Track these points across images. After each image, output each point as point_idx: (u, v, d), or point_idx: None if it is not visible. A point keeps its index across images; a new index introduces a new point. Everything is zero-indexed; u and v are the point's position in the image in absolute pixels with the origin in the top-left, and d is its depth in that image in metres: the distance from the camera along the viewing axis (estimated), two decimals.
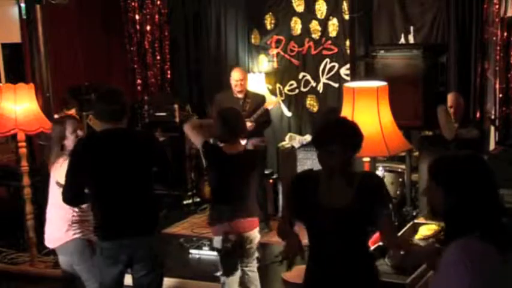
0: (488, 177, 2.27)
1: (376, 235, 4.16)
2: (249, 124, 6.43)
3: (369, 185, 3.02)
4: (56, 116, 6.29)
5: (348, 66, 7.14)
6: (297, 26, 7.54)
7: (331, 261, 3.07)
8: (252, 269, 4.63)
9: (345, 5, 7.12)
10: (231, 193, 4.40)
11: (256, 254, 4.66)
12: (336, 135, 2.98)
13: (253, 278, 4.63)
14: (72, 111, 6.27)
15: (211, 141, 4.60)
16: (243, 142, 6.30)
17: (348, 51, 7.07)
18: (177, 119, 7.76)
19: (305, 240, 3.16)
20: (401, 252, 3.39)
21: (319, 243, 3.11)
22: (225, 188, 4.42)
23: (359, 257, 3.08)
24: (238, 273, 4.55)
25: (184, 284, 5.45)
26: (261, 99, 6.71)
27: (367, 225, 3.07)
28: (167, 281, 5.47)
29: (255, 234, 4.54)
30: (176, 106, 7.75)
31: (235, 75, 6.64)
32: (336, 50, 7.34)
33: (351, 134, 3.03)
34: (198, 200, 7.52)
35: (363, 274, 3.10)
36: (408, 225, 4.50)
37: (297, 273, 4.51)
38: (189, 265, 5.87)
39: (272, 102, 6.57)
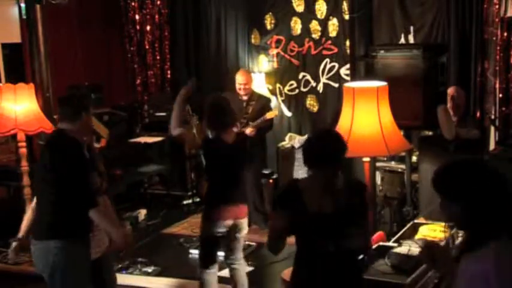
0: (498, 179, 2.21)
1: (377, 235, 4.18)
2: (249, 130, 6.43)
3: (353, 190, 3.09)
4: (56, 117, 6.29)
5: (348, 66, 7.13)
6: (297, 26, 7.53)
7: (320, 266, 3.08)
8: (239, 265, 4.70)
9: (345, 5, 7.11)
10: (230, 178, 4.56)
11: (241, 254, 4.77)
12: (324, 152, 3.05)
13: (241, 273, 4.70)
14: None
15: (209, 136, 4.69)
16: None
17: (348, 51, 7.07)
18: None
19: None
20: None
21: (309, 249, 3.12)
22: (225, 174, 4.56)
23: (346, 261, 3.09)
24: (216, 269, 4.62)
25: (184, 284, 5.45)
26: (265, 102, 6.70)
27: (352, 229, 3.05)
28: (167, 281, 5.49)
29: (245, 224, 4.66)
30: None
31: (238, 78, 6.62)
32: (336, 50, 7.33)
33: (337, 147, 3.09)
34: (198, 200, 7.52)
35: (349, 278, 3.11)
36: (408, 225, 4.51)
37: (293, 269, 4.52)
38: (189, 265, 5.86)
39: (272, 114, 6.56)
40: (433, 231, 4.17)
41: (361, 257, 3.21)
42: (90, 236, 4.03)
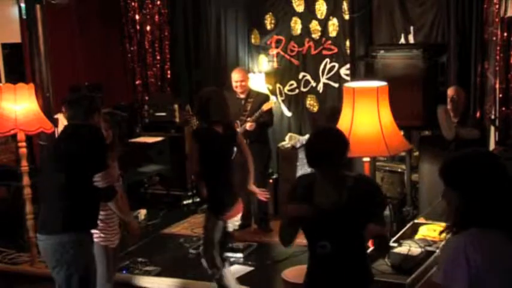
0: (501, 169, 2.24)
1: None
2: (249, 124, 6.43)
3: (362, 189, 3.05)
4: (56, 116, 6.30)
5: (348, 66, 7.14)
6: (297, 26, 7.53)
7: (325, 263, 3.09)
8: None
9: (345, 5, 7.11)
10: (229, 172, 4.66)
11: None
12: (325, 152, 3.03)
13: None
14: None
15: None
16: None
17: (348, 51, 7.07)
18: (177, 119, 7.76)
19: (304, 241, 3.18)
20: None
21: (314, 245, 3.13)
22: (222, 166, 4.63)
23: (352, 258, 3.09)
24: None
25: (184, 284, 5.45)
26: (263, 99, 6.69)
27: (358, 227, 3.04)
28: (167, 280, 5.49)
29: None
30: (176, 106, 7.76)
31: (234, 76, 6.63)
32: (336, 50, 7.33)
33: (338, 145, 3.07)
34: (198, 200, 7.52)
35: (357, 275, 3.11)
36: (408, 225, 4.50)
37: (297, 272, 4.52)
38: (189, 265, 5.87)
39: (269, 104, 6.55)
40: (433, 231, 4.17)
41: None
42: (107, 226, 4.13)
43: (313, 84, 7.53)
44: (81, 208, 3.81)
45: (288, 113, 7.72)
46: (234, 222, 4.66)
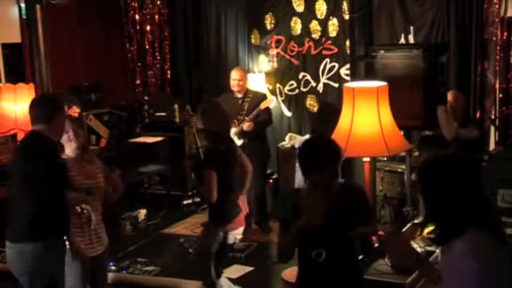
0: (468, 174, 2.34)
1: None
2: (247, 124, 6.43)
3: (348, 194, 3.09)
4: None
5: (348, 66, 7.14)
6: (297, 26, 7.53)
7: (317, 270, 3.10)
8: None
9: (345, 5, 7.12)
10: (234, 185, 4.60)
11: None
12: (321, 161, 3.09)
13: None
14: (74, 109, 6.18)
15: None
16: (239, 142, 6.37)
17: (348, 51, 7.07)
18: (177, 119, 7.76)
19: None
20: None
21: (305, 253, 3.14)
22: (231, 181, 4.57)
23: (343, 266, 3.11)
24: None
25: (184, 284, 5.44)
26: (260, 98, 6.67)
27: (347, 235, 3.07)
28: (167, 280, 5.49)
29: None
30: (176, 106, 7.76)
31: (232, 74, 6.64)
32: (336, 50, 7.33)
33: (333, 156, 3.14)
34: (198, 200, 7.52)
35: (348, 283, 3.13)
36: (408, 225, 4.50)
37: (296, 273, 4.52)
38: (189, 265, 5.87)
39: (266, 103, 6.54)
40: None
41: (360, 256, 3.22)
42: (92, 233, 4.06)
43: (313, 84, 7.53)
44: (45, 217, 3.69)
45: (288, 113, 7.72)
46: (235, 235, 4.62)
